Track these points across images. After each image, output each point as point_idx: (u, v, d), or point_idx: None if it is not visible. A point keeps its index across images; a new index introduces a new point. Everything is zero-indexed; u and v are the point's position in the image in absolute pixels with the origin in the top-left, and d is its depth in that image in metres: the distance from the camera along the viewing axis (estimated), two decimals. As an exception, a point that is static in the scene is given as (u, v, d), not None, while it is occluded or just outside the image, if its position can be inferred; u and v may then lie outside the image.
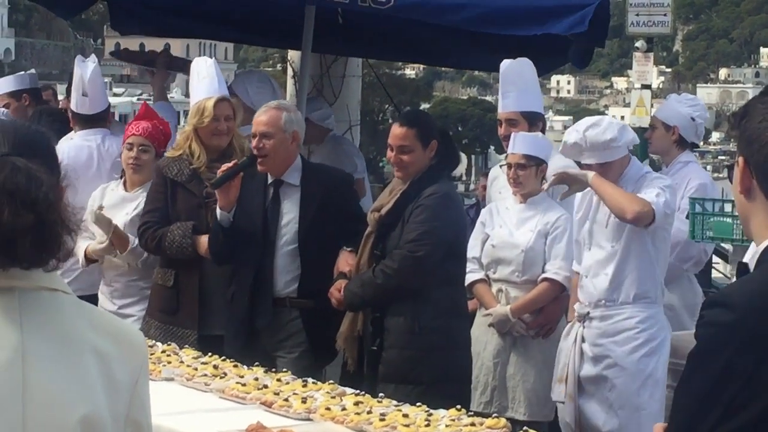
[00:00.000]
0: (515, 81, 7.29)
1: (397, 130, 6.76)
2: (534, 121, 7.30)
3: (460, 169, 72.55)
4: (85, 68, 8.09)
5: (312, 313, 6.83)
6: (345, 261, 6.81)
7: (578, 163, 6.75)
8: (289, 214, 6.89)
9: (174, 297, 7.23)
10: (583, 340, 6.60)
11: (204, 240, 7.03)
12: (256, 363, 6.27)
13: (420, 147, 6.67)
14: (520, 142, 6.94)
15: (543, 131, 7.38)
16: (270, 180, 6.94)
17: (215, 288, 7.17)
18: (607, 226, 6.53)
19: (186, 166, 7.19)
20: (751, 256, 2.91)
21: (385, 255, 6.60)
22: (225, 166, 6.87)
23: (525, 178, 6.91)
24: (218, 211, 6.93)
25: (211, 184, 7.00)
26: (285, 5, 7.87)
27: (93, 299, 7.16)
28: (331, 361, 6.82)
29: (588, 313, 6.60)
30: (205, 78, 7.36)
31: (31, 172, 2.68)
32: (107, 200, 7.59)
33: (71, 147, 8.11)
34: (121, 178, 7.76)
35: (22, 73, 11.13)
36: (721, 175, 69.28)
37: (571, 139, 6.51)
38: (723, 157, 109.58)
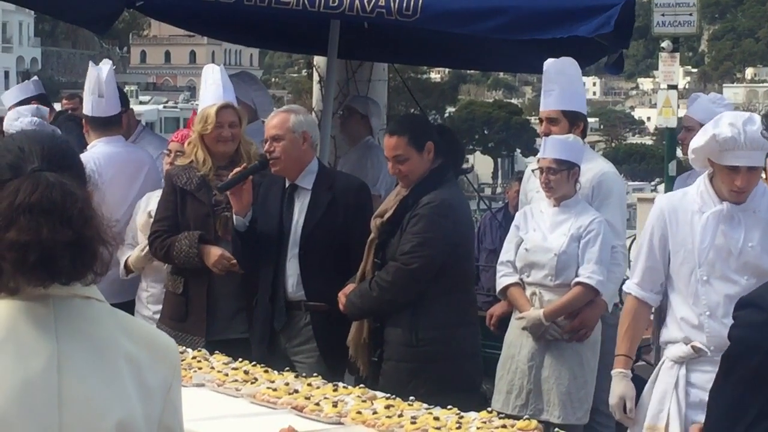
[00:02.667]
0: (558, 79, 7.25)
1: (388, 140, 6.75)
2: (575, 120, 7.22)
3: (485, 172, 72.59)
4: (101, 70, 8.12)
5: (322, 317, 6.84)
6: None
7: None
8: (298, 217, 6.91)
9: (183, 304, 7.26)
10: (687, 383, 5.89)
11: (210, 249, 7.05)
12: (287, 368, 6.30)
13: (415, 153, 6.64)
14: (550, 147, 6.92)
15: (584, 132, 7.31)
16: (288, 184, 6.97)
17: (223, 295, 7.21)
18: (739, 256, 5.74)
19: (194, 174, 7.22)
20: None
21: (384, 263, 6.61)
22: (234, 171, 6.92)
23: (556, 183, 6.88)
24: (234, 216, 6.97)
25: (217, 189, 7.05)
26: (310, 18, 7.87)
27: (126, 307, 7.18)
28: (344, 368, 6.78)
29: (704, 354, 5.78)
30: (211, 85, 7.40)
31: (65, 187, 2.70)
32: (152, 206, 7.65)
33: (103, 156, 8.13)
34: None
35: (26, 81, 11.17)
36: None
37: (725, 133, 5.56)
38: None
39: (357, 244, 6.79)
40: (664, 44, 18.02)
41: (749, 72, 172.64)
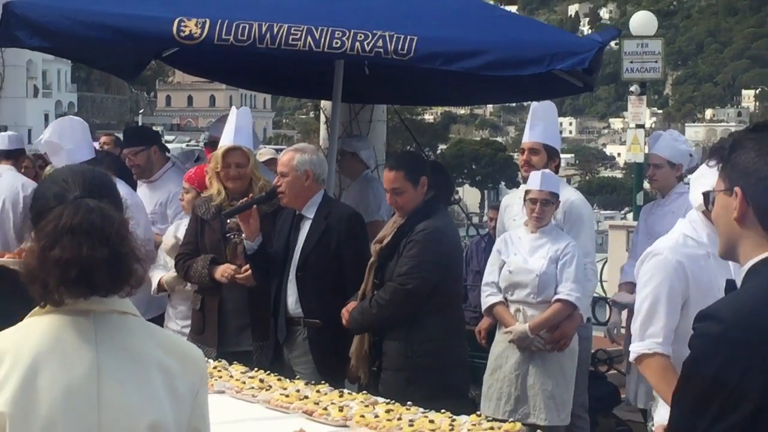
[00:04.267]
0: (543, 117, 7.36)
1: (387, 174, 6.76)
2: (553, 156, 7.37)
3: (473, 203, 72.45)
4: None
5: (318, 332, 6.82)
6: None
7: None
8: (300, 243, 6.90)
9: (201, 319, 7.31)
10: None
11: (219, 269, 7.10)
12: (297, 376, 6.31)
13: (410, 186, 6.65)
14: (546, 181, 6.95)
15: (557, 168, 7.41)
16: (296, 213, 6.98)
17: (232, 311, 7.23)
18: None
19: (211, 205, 7.28)
20: (738, 275, 2.93)
21: (383, 283, 6.60)
22: (240, 202, 6.97)
23: (547, 213, 6.95)
24: (244, 241, 7.01)
25: (223, 215, 7.12)
26: (316, 60, 7.88)
27: (156, 321, 7.20)
28: (337, 377, 6.64)
29: None
30: (228, 127, 7.41)
31: (103, 211, 2.73)
32: (180, 232, 7.73)
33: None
34: None
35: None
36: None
37: None
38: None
39: (348, 266, 6.82)
40: (632, 88, 18.10)
41: (708, 113, 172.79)
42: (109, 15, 7.80)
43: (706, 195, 3.05)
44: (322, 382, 5.93)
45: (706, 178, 5.03)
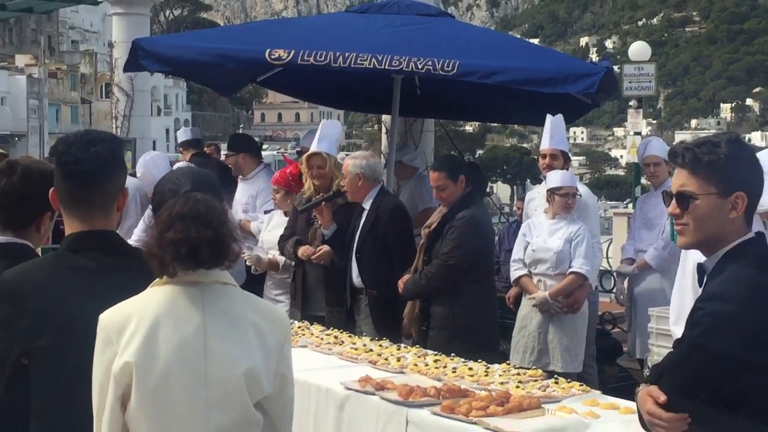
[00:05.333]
0: (558, 128, 7.30)
1: (432, 174, 6.79)
2: (567, 159, 7.33)
3: (504, 196, 72.14)
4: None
5: (374, 299, 6.79)
6: None
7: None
8: (359, 229, 6.88)
9: (294, 287, 7.37)
10: None
11: (300, 249, 7.13)
12: (363, 334, 6.30)
13: (451, 183, 6.63)
14: (570, 178, 6.97)
15: (569, 168, 7.37)
16: (360, 205, 6.97)
17: (313, 283, 7.23)
18: None
19: (303, 198, 7.29)
20: (709, 261, 2.82)
21: (430, 260, 6.59)
22: (314, 199, 7.06)
23: (573, 203, 6.93)
24: (321, 228, 7.05)
25: (298, 210, 7.16)
26: (378, 75, 7.87)
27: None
28: (395, 336, 6.54)
29: None
30: (316, 135, 7.42)
31: (208, 202, 2.74)
32: (273, 222, 7.77)
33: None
34: None
35: (190, 128, 11.32)
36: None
37: None
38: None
39: (392, 247, 6.80)
40: (631, 103, 18.00)
41: (693, 122, 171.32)
42: (213, 46, 7.88)
43: (682, 195, 2.90)
44: (383, 338, 5.93)
45: None
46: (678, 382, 2.74)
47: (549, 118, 7.29)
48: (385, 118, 10.47)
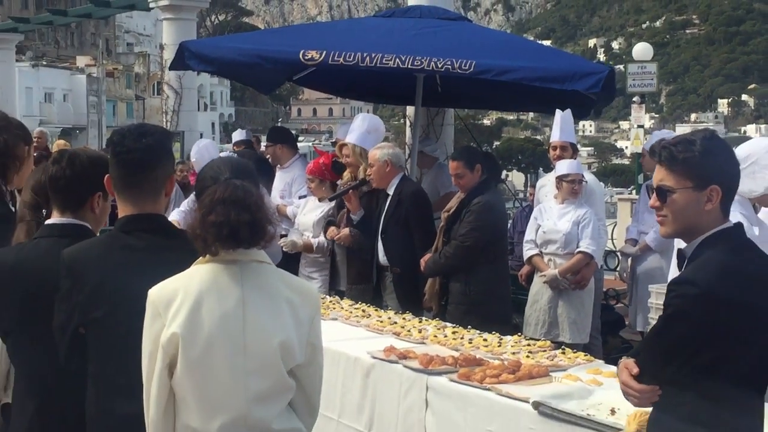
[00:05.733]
0: (567, 122, 7.25)
1: (451, 163, 6.79)
2: (575, 149, 7.29)
3: (519, 183, 71.97)
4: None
5: (399, 276, 6.78)
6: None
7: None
8: (384, 213, 6.86)
9: (330, 266, 7.45)
10: None
11: (329, 230, 7.23)
12: (389, 308, 6.30)
13: (468, 171, 6.60)
14: (577, 167, 6.95)
15: (576, 157, 7.32)
16: (384, 191, 6.96)
17: (340, 262, 7.28)
18: None
19: (340, 184, 7.33)
20: (688, 247, 2.80)
21: (450, 241, 6.56)
22: (340, 188, 7.11)
23: (580, 189, 6.91)
24: (350, 213, 7.07)
25: (328, 198, 7.17)
26: (402, 74, 7.86)
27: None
28: (418, 310, 6.56)
29: None
30: (350, 129, 7.44)
31: (246, 188, 2.74)
32: (308, 206, 7.79)
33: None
34: None
35: (243, 131, 11.63)
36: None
37: None
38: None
39: (414, 228, 6.76)
40: (635, 99, 17.92)
41: (693, 116, 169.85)
42: (252, 47, 7.89)
43: (660, 189, 2.87)
44: (406, 312, 5.93)
45: None
46: (650, 357, 2.75)
47: (558, 113, 7.24)
48: (409, 111, 10.44)
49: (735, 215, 4.49)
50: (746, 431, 2.64)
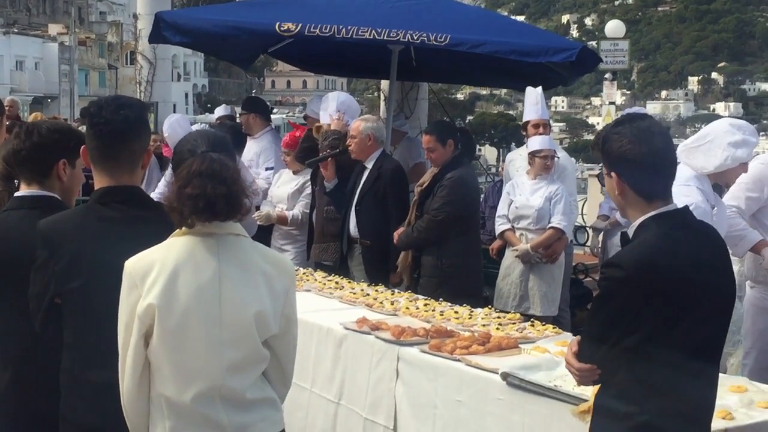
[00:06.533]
0: (541, 99, 7.28)
1: (424, 137, 6.78)
2: (548, 125, 7.33)
3: (491, 158, 72.17)
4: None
5: (368, 249, 6.77)
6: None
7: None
8: (360, 186, 6.86)
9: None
10: None
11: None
12: (354, 278, 6.32)
13: (440, 146, 6.59)
14: (548, 143, 6.98)
15: (548, 133, 7.37)
16: (361, 163, 6.94)
17: (317, 233, 7.26)
18: None
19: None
20: (630, 230, 2.85)
21: (422, 215, 6.57)
22: (320, 155, 7.03)
23: (552, 165, 6.94)
24: (324, 181, 7.06)
25: (306, 164, 7.14)
26: (377, 47, 7.85)
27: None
28: (385, 282, 6.48)
29: None
30: (321, 109, 7.48)
31: (222, 161, 2.75)
32: (282, 179, 7.80)
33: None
34: None
35: (227, 106, 11.54)
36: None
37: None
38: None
39: (392, 203, 6.76)
40: (606, 76, 17.98)
41: (663, 93, 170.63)
42: (229, 18, 7.84)
43: (599, 176, 2.94)
44: (377, 284, 5.96)
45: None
46: (585, 337, 2.80)
47: (531, 90, 7.25)
48: (384, 85, 10.42)
49: (691, 189, 4.66)
50: (673, 411, 2.68)
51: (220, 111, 11.00)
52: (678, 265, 2.68)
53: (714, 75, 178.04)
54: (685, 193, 2.81)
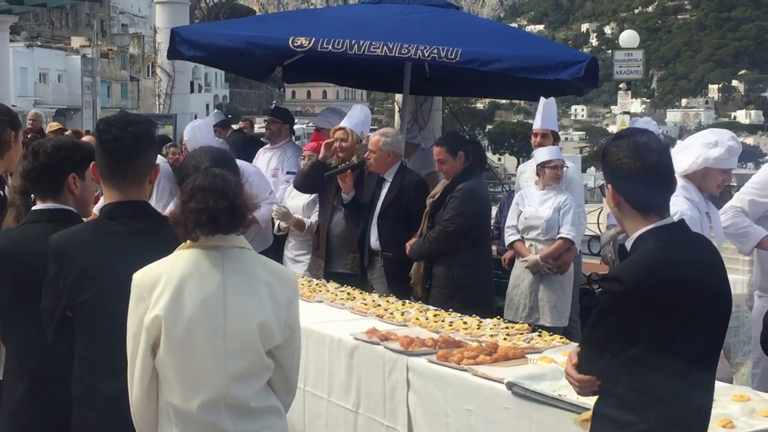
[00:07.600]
0: (549, 110, 7.31)
1: (434, 149, 6.81)
2: (556, 136, 7.36)
3: (511, 167, 71.93)
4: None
5: (389, 261, 6.79)
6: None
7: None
8: (381, 198, 6.88)
9: (316, 240, 7.44)
10: None
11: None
12: (376, 291, 6.37)
13: (450, 158, 6.62)
14: (556, 153, 7.00)
15: (557, 145, 7.39)
16: (380, 176, 6.98)
17: (339, 244, 7.25)
18: None
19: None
20: (627, 243, 2.88)
21: (433, 226, 6.58)
22: (340, 167, 7.08)
23: (562, 174, 6.96)
24: (342, 193, 7.08)
25: (325, 175, 7.15)
26: (392, 62, 7.90)
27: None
28: (402, 293, 6.54)
29: None
30: (348, 115, 7.55)
31: (225, 176, 2.81)
32: (295, 190, 7.79)
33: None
34: None
35: (216, 111, 11.57)
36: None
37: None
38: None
39: (414, 216, 6.78)
40: (621, 85, 17.98)
41: (684, 101, 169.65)
42: (243, 33, 7.90)
43: (602, 187, 2.98)
44: (392, 295, 5.99)
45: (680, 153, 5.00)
46: (584, 349, 2.84)
47: (542, 100, 7.30)
48: (398, 97, 10.46)
49: (678, 198, 4.68)
50: (672, 420, 2.71)
51: (216, 117, 10.95)
52: (676, 278, 2.71)
53: (734, 83, 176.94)
54: (672, 203, 2.86)
